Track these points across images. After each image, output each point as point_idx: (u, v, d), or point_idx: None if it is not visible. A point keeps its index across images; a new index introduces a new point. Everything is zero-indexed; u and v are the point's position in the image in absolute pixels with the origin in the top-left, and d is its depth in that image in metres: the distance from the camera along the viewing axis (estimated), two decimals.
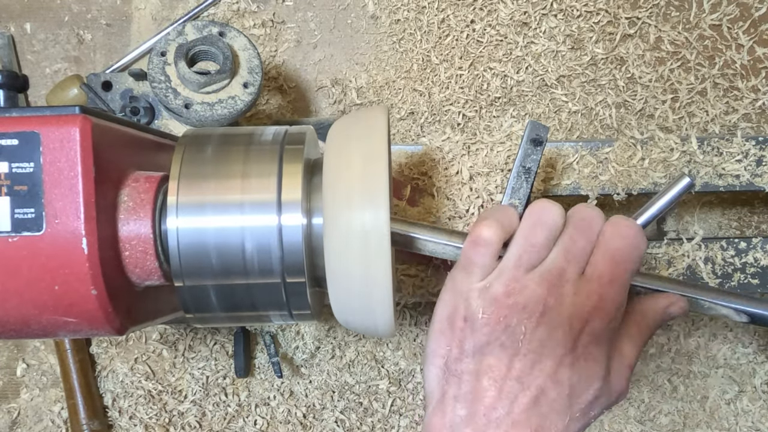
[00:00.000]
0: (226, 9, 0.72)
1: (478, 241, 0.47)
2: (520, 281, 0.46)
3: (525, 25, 0.72)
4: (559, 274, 0.46)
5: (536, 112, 0.72)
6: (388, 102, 0.73)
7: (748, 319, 0.50)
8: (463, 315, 0.47)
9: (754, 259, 0.61)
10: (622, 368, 0.48)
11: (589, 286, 0.46)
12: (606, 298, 0.46)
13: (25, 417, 0.73)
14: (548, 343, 0.45)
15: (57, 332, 0.43)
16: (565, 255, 0.46)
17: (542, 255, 0.47)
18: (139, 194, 0.44)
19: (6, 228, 0.40)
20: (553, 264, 0.46)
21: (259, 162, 0.46)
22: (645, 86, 0.72)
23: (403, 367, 0.73)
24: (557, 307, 0.45)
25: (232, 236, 0.45)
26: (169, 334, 0.72)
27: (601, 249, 0.47)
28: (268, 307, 0.48)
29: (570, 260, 0.46)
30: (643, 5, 0.72)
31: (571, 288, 0.46)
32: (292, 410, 0.72)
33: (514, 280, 0.46)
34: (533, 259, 0.47)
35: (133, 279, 0.45)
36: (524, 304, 0.45)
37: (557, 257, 0.46)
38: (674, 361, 0.73)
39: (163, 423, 0.72)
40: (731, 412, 0.73)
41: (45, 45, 0.73)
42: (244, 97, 0.59)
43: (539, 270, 0.46)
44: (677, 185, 0.52)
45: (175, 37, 0.59)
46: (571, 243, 0.47)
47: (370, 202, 0.43)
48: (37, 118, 0.40)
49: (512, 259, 0.47)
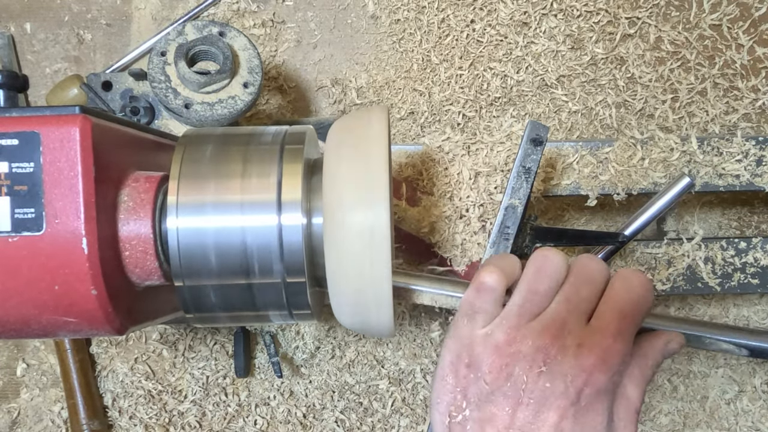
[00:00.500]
0: (226, 9, 0.72)
1: (481, 287, 0.47)
2: (521, 330, 0.46)
3: (525, 25, 0.72)
4: (561, 324, 0.46)
5: (536, 112, 0.72)
6: (388, 102, 0.73)
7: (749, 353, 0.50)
8: (466, 362, 0.47)
9: (754, 259, 0.61)
10: (629, 414, 0.47)
11: (593, 339, 0.46)
12: (610, 351, 0.45)
13: (25, 417, 0.73)
14: (550, 394, 0.45)
15: (57, 332, 0.43)
16: (566, 305, 0.46)
17: (544, 303, 0.47)
18: (139, 194, 0.44)
19: (6, 228, 0.40)
20: (556, 313, 0.46)
21: (259, 162, 0.46)
22: (645, 86, 0.72)
23: (403, 367, 0.73)
24: (559, 358, 0.45)
25: (232, 236, 0.45)
26: (169, 334, 0.72)
27: (609, 302, 0.47)
28: (268, 306, 0.48)
29: (571, 311, 0.46)
30: (643, 5, 0.72)
31: (574, 339, 0.45)
32: (292, 410, 0.72)
33: (515, 328, 0.46)
34: (535, 307, 0.46)
35: (133, 279, 0.45)
36: (525, 353, 0.45)
37: (559, 307, 0.46)
38: (674, 360, 0.73)
39: (163, 423, 0.72)
40: (731, 412, 0.73)
41: (45, 45, 0.73)
42: (244, 97, 0.59)
43: (541, 319, 0.46)
44: (677, 185, 0.52)
45: (175, 37, 0.59)
46: (573, 292, 0.47)
47: (371, 202, 0.43)
48: (37, 118, 0.40)
49: (515, 308, 0.47)
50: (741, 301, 0.73)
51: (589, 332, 0.46)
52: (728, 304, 0.73)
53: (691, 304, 0.73)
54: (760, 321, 0.72)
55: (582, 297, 0.47)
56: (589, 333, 0.46)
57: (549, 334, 0.45)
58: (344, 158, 0.45)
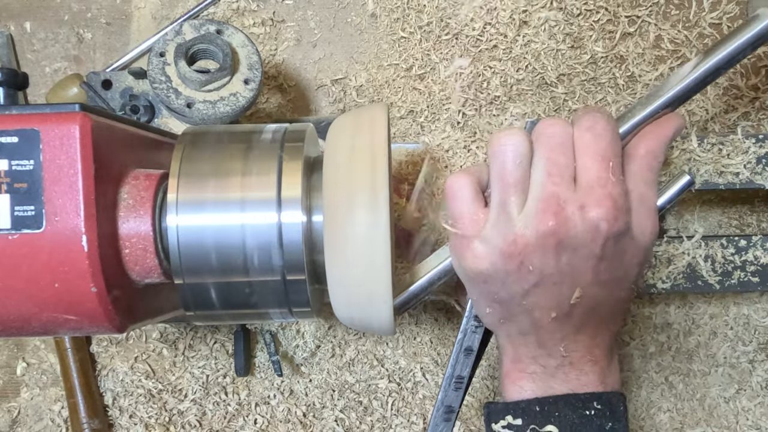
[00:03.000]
0: (225, 8, 0.72)
1: (450, 193, 0.47)
2: (516, 224, 0.45)
3: (525, 23, 0.72)
4: (554, 198, 0.44)
5: (536, 111, 0.72)
6: (388, 100, 0.73)
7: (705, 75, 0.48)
8: (483, 279, 0.46)
9: (754, 257, 0.61)
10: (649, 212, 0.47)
11: (592, 195, 0.44)
12: (612, 197, 0.44)
13: (26, 416, 0.73)
14: (578, 264, 0.45)
15: (57, 330, 0.43)
16: (549, 178, 0.44)
17: (525, 188, 0.45)
18: (139, 192, 0.44)
19: (6, 225, 0.40)
20: (542, 191, 0.44)
21: (259, 159, 0.47)
22: (645, 85, 0.72)
23: (403, 366, 0.73)
24: (570, 231, 0.44)
25: (232, 234, 0.45)
26: (169, 333, 0.72)
27: (586, 154, 0.45)
28: (268, 304, 0.48)
29: (557, 182, 0.44)
30: (643, 3, 0.72)
31: (574, 205, 0.44)
32: (292, 409, 0.72)
33: (509, 226, 0.45)
34: (517, 196, 0.45)
35: (133, 277, 0.45)
36: (534, 244, 0.44)
37: (543, 183, 0.45)
38: (674, 359, 0.73)
39: (164, 422, 0.72)
40: (731, 411, 0.73)
41: (45, 44, 0.73)
42: (246, 94, 0.59)
43: (530, 204, 0.45)
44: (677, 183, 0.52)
45: (173, 37, 0.59)
46: (551, 164, 0.45)
47: (371, 200, 0.43)
48: (37, 116, 0.40)
49: (496, 207, 0.45)
50: (741, 299, 0.73)
51: (584, 191, 0.44)
52: (728, 302, 0.73)
53: (691, 303, 0.73)
54: (760, 320, 0.73)
55: (562, 164, 0.45)
56: (584, 192, 0.44)
57: (547, 214, 0.44)
58: (344, 156, 0.45)
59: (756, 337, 0.73)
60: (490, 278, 0.46)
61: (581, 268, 0.45)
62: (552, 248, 0.44)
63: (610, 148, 0.45)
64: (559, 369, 0.48)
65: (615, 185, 0.45)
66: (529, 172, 0.45)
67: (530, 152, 0.45)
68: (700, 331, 0.73)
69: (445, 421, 0.53)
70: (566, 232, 0.44)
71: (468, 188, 0.46)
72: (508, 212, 0.45)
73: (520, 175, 0.45)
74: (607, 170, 0.44)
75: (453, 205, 0.47)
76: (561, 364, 0.48)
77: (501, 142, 0.45)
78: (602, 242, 0.44)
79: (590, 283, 0.46)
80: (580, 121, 0.46)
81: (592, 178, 0.45)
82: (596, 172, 0.45)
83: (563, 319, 0.47)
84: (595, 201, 0.44)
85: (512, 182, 0.45)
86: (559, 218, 0.44)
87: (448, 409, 0.53)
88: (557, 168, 0.45)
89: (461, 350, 0.52)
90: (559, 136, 0.45)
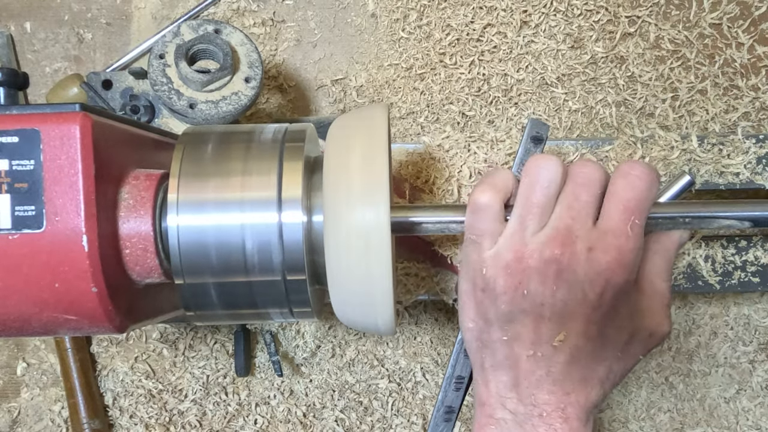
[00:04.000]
0: (226, 8, 0.72)
1: (476, 208, 0.46)
2: (528, 244, 0.45)
3: (525, 24, 0.72)
4: (567, 231, 0.45)
5: (536, 111, 0.72)
6: (388, 101, 0.73)
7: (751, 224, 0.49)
8: (481, 287, 0.46)
9: (754, 257, 0.61)
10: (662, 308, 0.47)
11: (604, 241, 0.45)
12: (624, 250, 0.45)
13: (26, 416, 0.73)
14: (571, 303, 0.44)
15: (57, 330, 0.43)
16: (569, 212, 0.45)
17: (546, 214, 0.46)
18: (140, 192, 0.44)
19: (6, 225, 0.40)
20: (559, 222, 0.45)
21: (259, 159, 0.46)
22: (645, 85, 0.72)
23: (403, 366, 0.73)
24: (573, 266, 0.44)
25: (232, 234, 0.45)
26: (170, 333, 0.72)
27: (613, 201, 0.46)
28: (268, 304, 0.48)
29: (575, 216, 0.45)
30: (643, 4, 0.72)
31: (584, 244, 0.44)
32: (292, 409, 0.72)
33: (520, 244, 0.45)
34: (537, 219, 0.45)
35: (133, 277, 0.45)
36: (536, 268, 0.44)
37: (562, 214, 0.45)
38: (675, 359, 0.73)
39: (164, 422, 0.72)
40: (731, 411, 0.73)
41: (45, 44, 0.73)
42: (247, 92, 0.59)
43: (545, 230, 0.45)
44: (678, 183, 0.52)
45: (171, 39, 0.59)
46: (573, 198, 0.45)
47: (371, 200, 0.43)
48: (37, 116, 0.40)
49: (515, 223, 0.46)
50: (741, 299, 0.73)
51: (598, 235, 0.45)
52: (729, 302, 0.73)
53: (692, 303, 0.73)
54: (760, 320, 0.73)
55: (583, 201, 0.45)
56: (598, 235, 0.45)
57: (557, 244, 0.44)
58: (344, 156, 0.45)
59: (756, 338, 0.73)
60: (487, 288, 0.46)
61: (574, 310, 0.45)
62: (551, 277, 0.44)
63: (636, 202, 0.46)
64: (527, 420, 0.46)
65: (628, 240, 0.45)
66: (554, 201, 0.46)
67: (561, 183, 0.46)
68: (701, 331, 0.73)
69: (446, 422, 0.53)
70: (568, 265, 0.44)
71: (494, 208, 0.46)
72: (524, 230, 0.45)
73: (545, 199, 0.46)
74: (626, 223, 0.45)
75: (475, 218, 0.47)
76: (530, 414, 0.46)
77: (538, 163, 0.46)
78: (600, 290, 0.45)
79: (578, 332, 0.45)
80: (620, 166, 0.47)
81: (609, 226, 0.45)
82: (615, 222, 0.45)
83: (540, 362, 0.45)
84: (603, 246, 0.45)
85: (536, 203, 0.46)
86: (565, 249, 0.44)
87: (449, 410, 0.53)
88: (578, 203, 0.45)
89: (461, 350, 0.52)
90: (588, 175, 0.46)
